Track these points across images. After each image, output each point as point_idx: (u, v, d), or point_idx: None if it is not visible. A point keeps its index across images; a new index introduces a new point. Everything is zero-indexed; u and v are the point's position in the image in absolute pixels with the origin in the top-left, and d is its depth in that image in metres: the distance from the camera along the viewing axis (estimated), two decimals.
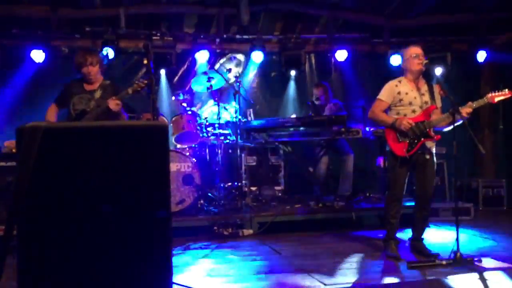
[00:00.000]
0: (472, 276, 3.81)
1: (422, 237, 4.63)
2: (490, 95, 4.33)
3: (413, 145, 4.35)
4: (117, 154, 2.00)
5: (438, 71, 7.55)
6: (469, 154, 7.85)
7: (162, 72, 7.47)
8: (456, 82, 7.82)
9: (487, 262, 4.18)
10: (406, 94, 4.45)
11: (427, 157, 4.41)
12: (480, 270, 3.93)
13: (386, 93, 4.52)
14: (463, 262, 4.04)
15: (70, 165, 1.94)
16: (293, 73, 8.05)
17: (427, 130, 4.34)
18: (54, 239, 1.96)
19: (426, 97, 4.46)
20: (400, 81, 4.54)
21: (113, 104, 4.47)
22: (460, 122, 4.24)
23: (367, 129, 6.26)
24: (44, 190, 1.92)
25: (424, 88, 4.52)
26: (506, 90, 4.32)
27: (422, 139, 4.35)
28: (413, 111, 4.43)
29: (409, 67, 4.50)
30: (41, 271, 1.92)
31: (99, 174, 1.98)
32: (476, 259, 4.13)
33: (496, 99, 4.30)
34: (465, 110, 4.20)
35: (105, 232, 1.99)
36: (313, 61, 8.39)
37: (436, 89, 4.56)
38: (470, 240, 5.26)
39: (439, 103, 4.55)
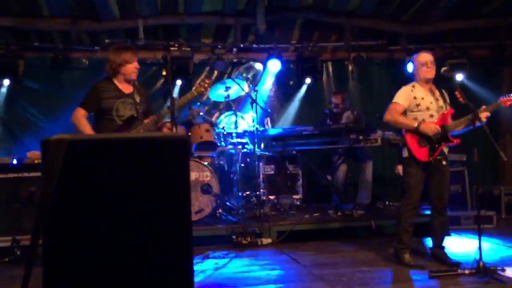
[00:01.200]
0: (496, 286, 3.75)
1: (443, 245, 4.58)
2: (502, 99, 4.32)
3: (435, 150, 4.33)
4: (140, 165, 2.02)
5: (459, 77, 7.47)
6: (491, 161, 7.73)
7: (179, 82, 7.52)
8: (476, 88, 7.73)
9: (511, 271, 4.10)
10: (423, 99, 4.43)
11: (444, 162, 4.39)
12: (504, 280, 3.85)
13: (403, 96, 4.48)
14: (486, 271, 3.96)
15: (94, 177, 1.97)
16: (310, 81, 8.04)
17: (447, 133, 4.33)
18: (79, 249, 1.99)
19: (441, 102, 4.46)
20: (414, 86, 4.52)
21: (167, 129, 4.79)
22: (478, 126, 4.20)
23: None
24: (68, 202, 1.95)
25: (437, 93, 4.53)
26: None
27: (443, 143, 4.34)
28: (431, 116, 4.41)
29: (419, 74, 4.50)
30: (67, 281, 1.95)
31: (122, 185, 2.01)
32: (499, 268, 4.04)
33: (509, 103, 4.30)
34: (484, 114, 4.21)
35: (128, 242, 2.01)
36: (330, 69, 8.37)
37: (445, 93, 4.55)
38: (493, 248, 5.16)
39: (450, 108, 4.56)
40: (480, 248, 4.05)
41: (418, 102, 4.43)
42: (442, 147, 4.36)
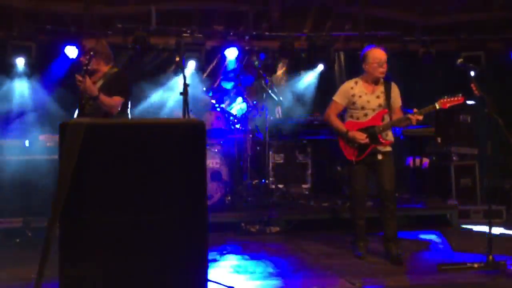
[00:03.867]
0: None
1: (395, 238, 4.42)
2: (441, 100, 4.21)
3: (363, 151, 4.34)
4: (158, 150, 2.04)
5: (472, 71, 7.37)
6: (503, 154, 7.65)
7: (193, 65, 7.44)
8: (490, 81, 7.63)
9: None
10: (360, 97, 4.37)
11: (380, 157, 4.35)
12: None
13: (341, 95, 4.47)
14: (496, 265, 3.95)
15: (112, 161, 1.98)
16: (322, 70, 7.97)
17: (378, 135, 4.29)
18: (96, 233, 2.01)
19: (381, 100, 4.36)
20: (356, 82, 4.45)
21: None
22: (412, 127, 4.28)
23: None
24: (86, 185, 1.96)
25: (380, 90, 4.40)
26: (460, 95, 4.20)
27: (372, 145, 4.31)
28: (365, 115, 4.36)
29: (369, 71, 4.37)
30: (82, 264, 1.97)
31: (139, 169, 2.02)
32: (509, 262, 4.03)
33: (448, 105, 4.20)
34: (416, 117, 4.15)
35: (143, 227, 2.03)
36: (342, 58, 8.30)
37: (395, 88, 4.43)
38: (502, 242, 5.12)
39: (398, 103, 4.44)
40: (490, 242, 4.03)
41: (354, 100, 4.38)
42: (372, 148, 4.32)
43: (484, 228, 4.24)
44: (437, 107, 4.21)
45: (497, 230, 5.48)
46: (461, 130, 7.18)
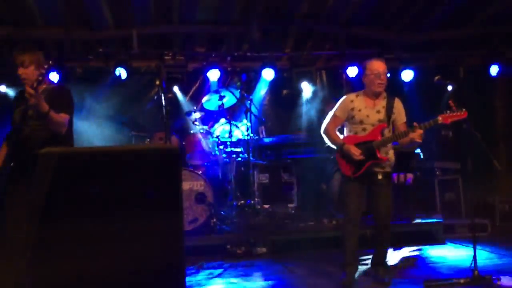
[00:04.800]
0: None
1: (384, 262, 4.29)
2: (443, 115, 4.01)
3: (360, 167, 4.08)
4: (132, 177, 2.01)
5: (450, 86, 7.50)
6: (485, 169, 7.74)
7: (176, 89, 7.49)
8: (469, 97, 7.74)
9: (506, 280, 4.09)
10: (359, 111, 4.16)
11: (379, 177, 4.11)
12: None
13: (341, 108, 4.26)
14: (481, 281, 3.96)
15: (84, 189, 1.96)
16: (304, 90, 8.04)
17: (375, 150, 4.05)
18: (68, 259, 1.98)
19: (381, 115, 4.14)
20: (357, 96, 4.26)
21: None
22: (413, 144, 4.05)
23: None
24: (58, 213, 1.93)
25: (381, 104, 4.19)
26: (463, 109, 4.02)
27: (369, 161, 4.07)
28: (364, 130, 4.15)
29: (367, 84, 4.20)
30: None
31: (113, 197, 2.00)
32: (494, 277, 4.04)
33: (450, 120, 4.02)
34: (418, 132, 3.94)
35: (118, 252, 2.00)
36: (324, 77, 8.38)
37: (398, 103, 4.23)
38: (487, 257, 5.16)
39: (402, 119, 4.23)
40: (475, 256, 4.04)
41: (353, 114, 4.17)
42: (370, 164, 4.07)
43: (469, 243, 4.23)
44: (439, 121, 4.01)
45: (482, 245, 5.51)
46: (444, 146, 7.27)
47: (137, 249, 2.00)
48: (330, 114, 4.30)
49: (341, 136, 4.30)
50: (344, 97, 4.31)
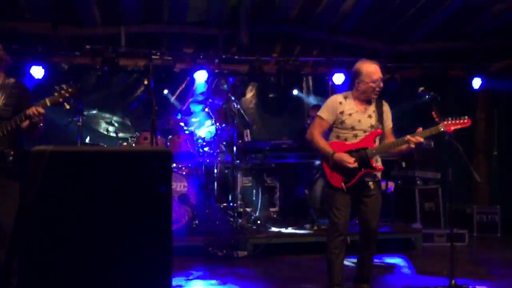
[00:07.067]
0: None
1: (369, 278, 3.95)
2: (445, 123, 3.80)
3: (352, 177, 3.68)
4: (122, 178, 2.02)
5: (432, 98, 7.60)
6: (464, 179, 7.88)
7: (165, 91, 7.53)
8: (451, 108, 7.88)
9: None
10: (350, 116, 3.76)
11: (371, 186, 3.77)
12: None
13: (328, 110, 3.82)
14: None
15: (75, 189, 1.95)
16: (290, 94, 8.09)
17: (370, 159, 3.70)
18: (57, 259, 1.97)
19: (373, 120, 3.79)
20: (346, 98, 3.83)
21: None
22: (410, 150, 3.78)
23: None
24: (48, 212, 1.93)
25: (372, 108, 3.83)
26: (466, 117, 3.84)
27: (362, 169, 3.69)
28: (355, 136, 3.76)
29: (364, 91, 3.78)
30: None
31: (104, 197, 2.00)
32: (470, 286, 4.11)
33: (453, 128, 3.81)
34: (417, 139, 3.65)
35: (107, 255, 2.00)
36: (311, 83, 8.46)
37: (386, 107, 3.91)
38: (464, 266, 5.24)
39: (389, 124, 3.91)
40: (452, 266, 4.10)
41: (343, 119, 3.76)
42: (362, 174, 3.70)
43: (447, 251, 4.29)
44: (441, 129, 3.79)
45: (459, 254, 5.60)
46: (424, 155, 7.38)
47: (126, 249, 2.00)
48: (316, 117, 3.91)
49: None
50: (330, 98, 3.90)
